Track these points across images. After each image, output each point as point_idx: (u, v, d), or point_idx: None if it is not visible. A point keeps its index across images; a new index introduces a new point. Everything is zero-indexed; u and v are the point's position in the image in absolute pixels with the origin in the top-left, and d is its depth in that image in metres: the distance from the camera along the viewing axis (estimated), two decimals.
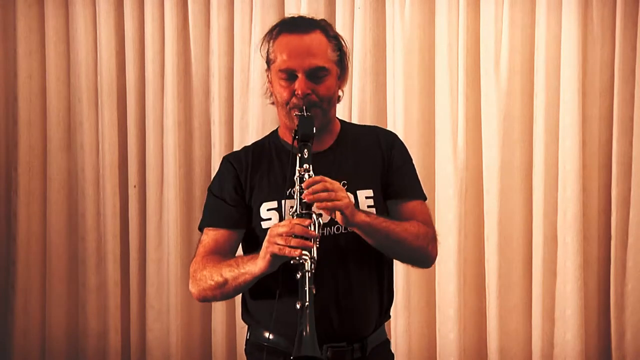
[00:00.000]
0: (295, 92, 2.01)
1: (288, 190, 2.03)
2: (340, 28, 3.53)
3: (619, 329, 3.32)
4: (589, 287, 3.36)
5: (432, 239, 2.11)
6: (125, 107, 3.81)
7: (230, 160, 2.16)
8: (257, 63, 3.64)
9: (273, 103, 2.15)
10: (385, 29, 3.52)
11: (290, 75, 2.02)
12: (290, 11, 3.60)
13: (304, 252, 1.84)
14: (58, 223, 3.88)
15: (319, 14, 3.57)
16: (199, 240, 2.14)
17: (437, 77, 3.46)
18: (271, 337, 2.07)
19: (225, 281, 1.99)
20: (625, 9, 3.27)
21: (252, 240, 2.11)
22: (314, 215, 1.89)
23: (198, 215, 3.74)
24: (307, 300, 1.80)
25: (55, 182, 3.87)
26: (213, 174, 3.70)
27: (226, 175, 2.14)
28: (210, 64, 3.74)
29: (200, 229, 2.17)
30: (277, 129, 2.19)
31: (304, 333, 1.77)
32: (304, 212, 1.89)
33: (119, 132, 3.83)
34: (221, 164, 2.19)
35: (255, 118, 3.66)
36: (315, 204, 1.89)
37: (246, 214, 2.10)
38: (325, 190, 1.89)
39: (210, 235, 2.11)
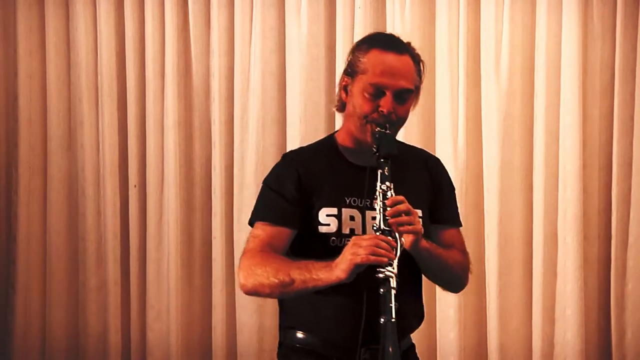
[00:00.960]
0: (379, 109, 2.04)
1: (366, 201, 2.07)
2: (340, 28, 3.54)
3: (619, 329, 3.33)
4: (589, 286, 3.36)
5: (467, 268, 2.25)
6: (126, 107, 3.82)
7: (293, 158, 2.16)
8: (257, 63, 3.64)
9: (338, 109, 2.17)
10: (386, 29, 3.52)
11: (378, 92, 2.04)
12: (291, 11, 3.60)
13: (388, 268, 1.87)
14: (58, 223, 3.88)
15: (320, 14, 3.58)
16: (252, 234, 2.10)
17: (438, 77, 3.46)
18: (314, 339, 2.10)
19: (292, 282, 1.96)
20: (625, 9, 3.27)
21: (303, 243, 2.10)
22: (396, 234, 1.93)
23: (198, 215, 3.83)
24: (393, 316, 1.84)
25: (56, 181, 3.87)
26: (213, 174, 3.76)
27: (288, 172, 2.12)
28: (210, 64, 3.74)
29: (252, 223, 2.14)
30: (334, 134, 2.20)
31: (390, 349, 1.82)
32: (386, 229, 1.92)
33: (119, 131, 3.83)
34: (282, 160, 2.18)
35: (255, 118, 3.66)
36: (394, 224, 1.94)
37: (303, 215, 2.09)
38: (407, 213, 1.94)
39: (266, 231, 2.08)
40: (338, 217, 2.06)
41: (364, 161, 2.10)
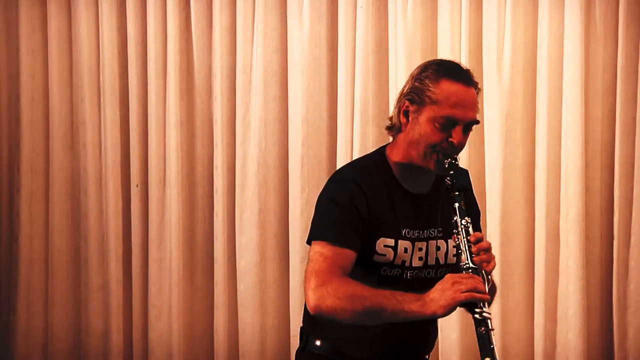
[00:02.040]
0: (450, 140, 2.04)
1: (417, 232, 2.08)
2: (342, 28, 3.54)
3: (622, 329, 3.32)
4: (591, 286, 3.35)
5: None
6: (128, 107, 3.82)
7: (358, 179, 2.08)
8: (259, 63, 3.64)
9: (393, 132, 2.13)
10: (388, 29, 3.52)
11: (450, 123, 2.04)
12: (293, 11, 3.60)
13: (485, 309, 1.89)
14: (60, 222, 3.88)
15: (322, 13, 3.58)
16: (318, 253, 2.01)
17: None
18: (340, 354, 2.13)
19: (381, 311, 1.93)
20: (627, 9, 3.27)
21: (353, 271, 2.04)
22: (483, 273, 1.94)
23: (200, 214, 3.82)
24: (496, 357, 1.86)
25: (58, 181, 3.88)
26: (215, 173, 3.75)
27: (357, 192, 2.05)
28: (212, 63, 3.74)
29: (314, 240, 2.05)
30: (383, 156, 2.15)
31: None
32: (473, 266, 1.93)
33: (122, 131, 3.83)
34: (347, 178, 2.10)
35: (257, 117, 3.66)
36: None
37: (363, 241, 2.06)
38: (487, 250, 1.96)
39: (336, 252, 2.00)
40: (394, 248, 2.06)
41: (418, 189, 2.11)
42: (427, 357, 2.27)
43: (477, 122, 2.09)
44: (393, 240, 2.06)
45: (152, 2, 3.74)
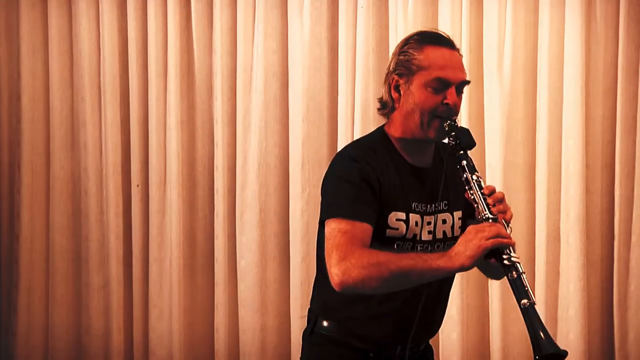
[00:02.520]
0: (446, 102, 2.04)
1: (425, 206, 2.08)
2: (343, 27, 3.53)
3: (622, 329, 3.32)
4: (592, 287, 3.35)
5: None
6: (128, 106, 3.82)
7: (364, 155, 2.07)
8: (260, 62, 3.64)
9: (385, 111, 2.13)
10: (389, 28, 3.52)
11: (442, 85, 2.04)
12: (293, 10, 3.60)
13: (512, 254, 1.87)
14: (61, 222, 3.89)
15: (322, 13, 3.57)
16: (337, 229, 1.98)
17: None
18: (351, 333, 2.13)
19: (409, 273, 1.91)
20: (629, 9, 3.26)
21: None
22: (503, 222, 1.93)
23: (200, 214, 3.82)
24: (533, 299, 1.83)
25: (58, 181, 3.88)
26: (216, 173, 3.75)
27: (366, 166, 2.05)
28: (213, 63, 3.74)
29: (329, 217, 2.02)
30: (384, 133, 2.14)
31: (541, 332, 1.79)
32: (492, 217, 1.92)
33: (122, 131, 3.83)
34: (353, 154, 2.09)
35: (257, 117, 3.66)
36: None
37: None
38: (503, 200, 1.97)
39: (355, 226, 1.98)
40: (406, 222, 2.06)
41: (421, 163, 2.12)
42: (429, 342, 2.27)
43: (468, 82, 2.11)
44: (404, 214, 2.06)
45: (152, 1, 3.74)
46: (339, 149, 3.57)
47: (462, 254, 1.87)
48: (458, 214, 2.16)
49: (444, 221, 2.12)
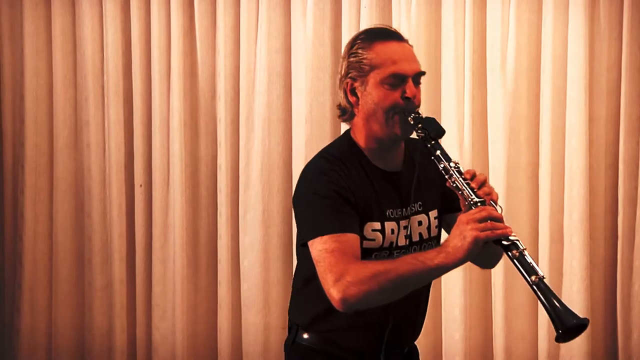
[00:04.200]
0: (406, 96, 2.00)
1: (400, 211, 2.04)
2: (346, 27, 3.53)
3: (626, 329, 3.31)
4: (595, 287, 3.34)
5: None
6: (132, 106, 3.82)
7: (335, 168, 2.01)
8: (263, 62, 3.64)
9: (345, 118, 2.09)
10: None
11: (399, 80, 2.00)
12: (297, 11, 3.60)
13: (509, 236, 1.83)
14: (64, 222, 3.89)
15: (326, 13, 3.57)
16: (323, 249, 1.91)
17: (444, 76, 3.45)
18: (330, 343, 2.11)
19: (408, 279, 1.86)
20: (632, 8, 3.25)
21: None
22: (492, 203, 1.89)
23: (204, 214, 3.82)
24: (541, 273, 1.78)
25: (62, 181, 3.88)
26: (219, 173, 3.75)
27: (338, 179, 1.99)
28: (216, 64, 3.74)
29: (315, 236, 1.95)
30: (350, 139, 2.09)
31: (558, 305, 1.74)
32: (480, 199, 1.88)
33: (125, 131, 3.83)
34: (323, 167, 2.03)
35: (261, 117, 3.66)
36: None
37: None
38: (486, 182, 1.93)
39: (341, 241, 1.91)
40: (382, 231, 2.02)
41: (391, 166, 2.08)
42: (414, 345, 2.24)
43: (424, 72, 2.06)
44: (379, 224, 2.02)
45: (156, 2, 3.74)
46: None
47: (459, 248, 1.82)
48: (434, 214, 2.12)
49: (420, 223, 2.08)
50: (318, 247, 1.93)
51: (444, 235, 2.08)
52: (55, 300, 3.91)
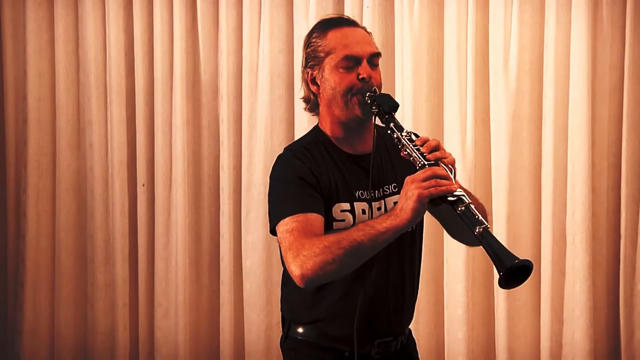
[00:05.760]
0: (360, 77, 2.05)
1: (372, 193, 2.06)
2: None
3: (628, 329, 3.31)
4: (598, 286, 3.35)
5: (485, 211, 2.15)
6: (134, 106, 3.82)
7: (297, 153, 2.09)
8: (266, 62, 3.64)
9: (310, 108, 2.15)
10: (394, 28, 3.52)
11: (353, 62, 2.05)
12: (299, 10, 3.61)
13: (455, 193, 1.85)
14: (67, 221, 3.89)
15: (328, 13, 3.57)
16: (285, 230, 1.97)
17: (446, 76, 3.45)
18: (322, 335, 2.12)
19: (360, 245, 1.89)
20: (635, 8, 3.26)
21: None
22: (442, 165, 1.90)
23: (206, 214, 3.83)
24: (486, 223, 1.82)
25: (64, 180, 3.89)
26: (221, 173, 3.76)
27: (300, 165, 2.06)
28: (218, 63, 3.75)
29: (276, 223, 2.01)
30: (317, 129, 2.16)
31: (500, 250, 1.79)
32: (428, 162, 1.90)
33: (128, 130, 3.84)
34: (289, 155, 2.10)
35: (263, 117, 3.66)
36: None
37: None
38: (439, 147, 1.94)
39: (301, 221, 1.96)
40: (352, 212, 2.06)
41: (360, 149, 2.12)
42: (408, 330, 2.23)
43: (379, 54, 2.10)
44: (348, 204, 2.06)
45: (158, 2, 3.74)
46: None
47: (405, 207, 1.86)
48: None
49: (395, 204, 2.05)
50: (280, 229, 1.99)
51: (427, 217, 2.09)
52: (57, 299, 3.92)
